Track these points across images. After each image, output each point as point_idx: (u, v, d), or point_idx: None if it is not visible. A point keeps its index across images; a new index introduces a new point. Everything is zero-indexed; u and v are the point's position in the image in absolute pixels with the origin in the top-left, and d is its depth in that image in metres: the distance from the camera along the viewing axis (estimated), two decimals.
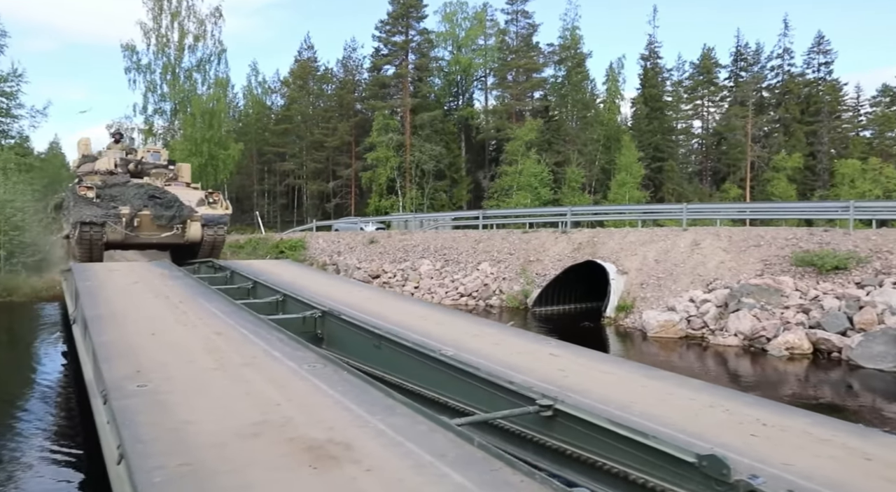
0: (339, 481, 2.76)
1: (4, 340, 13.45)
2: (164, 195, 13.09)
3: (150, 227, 12.71)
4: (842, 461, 3.08)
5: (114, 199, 12.59)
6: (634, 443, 3.34)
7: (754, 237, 13.84)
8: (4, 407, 7.76)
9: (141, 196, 12.79)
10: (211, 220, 13.25)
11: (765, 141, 41.47)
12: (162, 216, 12.72)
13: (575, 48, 40.24)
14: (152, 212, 12.63)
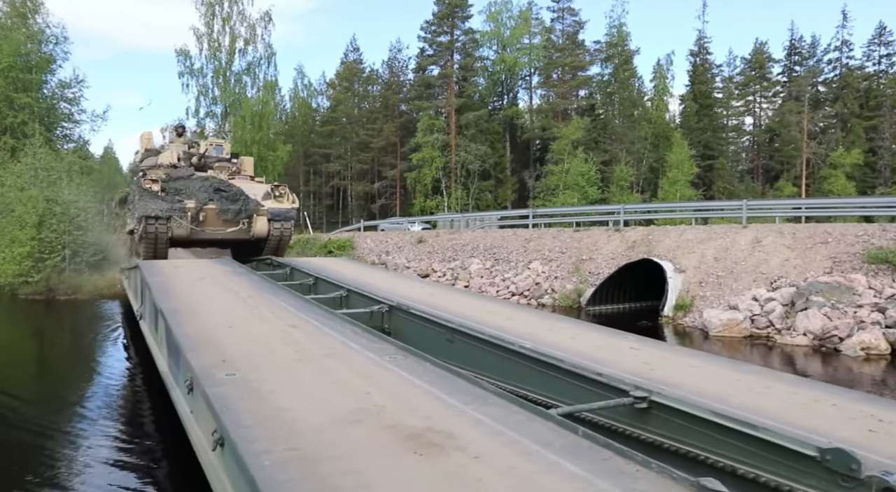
0: (448, 468, 2.72)
1: (69, 336, 13.99)
2: (230, 188, 12.23)
3: (215, 222, 11.94)
4: None
5: (178, 192, 11.84)
6: (743, 436, 3.20)
7: (821, 234, 13.30)
8: (74, 398, 8.05)
9: (206, 189, 12.03)
10: (278, 214, 12.32)
11: (821, 137, 39.94)
12: (228, 210, 11.86)
13: (622, 45, 39.58)
14: (218, 206, 11.79)
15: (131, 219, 12.29)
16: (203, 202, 11.77)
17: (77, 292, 18.79)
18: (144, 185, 11.74)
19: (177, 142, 14.73)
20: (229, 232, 12.05)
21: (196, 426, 4.56)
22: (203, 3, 32.96)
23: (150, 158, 14.13)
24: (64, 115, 28.94)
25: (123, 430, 6.86)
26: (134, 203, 11.97)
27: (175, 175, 12.63)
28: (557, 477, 2.63)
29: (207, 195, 11.90)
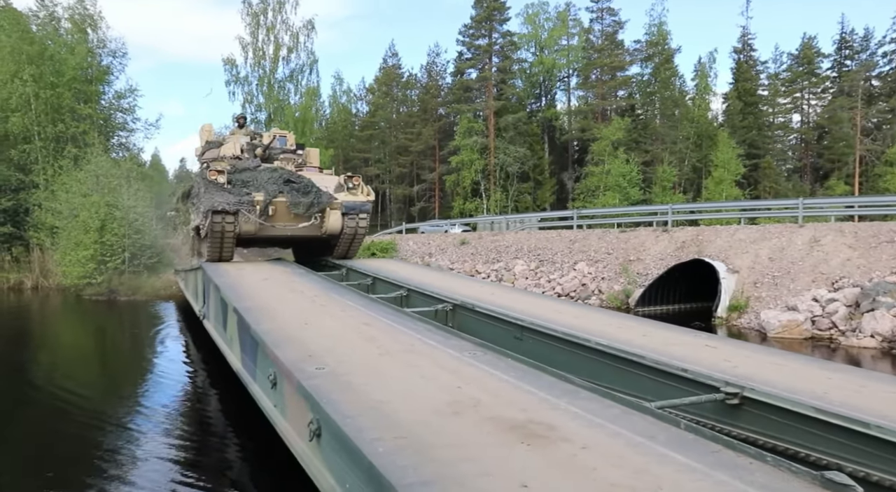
0: (559, 457, 2.77)
1: (132, 334, 14.50)
2: (300, 180, 11.17)
3: (285, 216, 10.91)
4: None
5: (245, 184, 10.88)
6: (849, 432, 3.17)
7: (886, 233, 12.88)
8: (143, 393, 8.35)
9: (275, 181, 10.98)
10: (352, 208, 11.24)
11: (875, 133, 38.61)
12: (299, 203, 10.85)
13: (662, 44, 39.01)
14: (288, 198, 10.78)
15: (195, 214, 11.22)
16: (272, 195, 10.73)
17: (136, 293, 19.46)
18: (210, 176, 10.73)
19: (238, 133, 13.76)
20: (300, 228, 11.02)
21: (283, 419, 4.72)
22: (248, 14, 33.76)
23: (211, 150, 13.19)
24: (119, 125, 30.01)
25: (186, 426, 7.09)
26: (199, 197, 10.89)
27: (240, 167, 11.54)
28: (671, 468, 2.65)
29: (277, 187, 10.84)
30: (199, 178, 11.46)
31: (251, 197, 10.57)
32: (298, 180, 11.16)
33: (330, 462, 3.55)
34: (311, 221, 11.02)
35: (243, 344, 6.67)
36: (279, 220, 10.91)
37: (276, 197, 10.78)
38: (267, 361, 5.30)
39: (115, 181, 21.51)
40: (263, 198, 10.65)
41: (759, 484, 2.46)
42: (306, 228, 11.08)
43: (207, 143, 13.61)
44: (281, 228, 10.97)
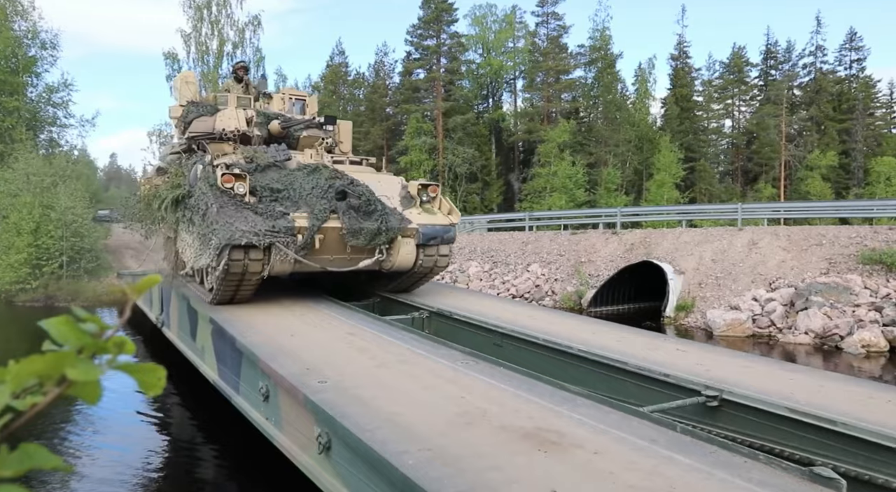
0: (577, 462, 3.02)
1: None
2: (356, 190, 7.31)
3: (336, 248, 7.10)
4: None
5: (276, 194, 7.05)
6: (819, 429, 3.56)
7: (815, 236, 13.89)
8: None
9: (322, 190, 7.14)
10: (432, 236, 7.53)
11: (798, 140, 41.12)
12: (360, 231, 7.04)
13: (605, 50, 40.27)
14: (344, 223, 6.97)
15: (200, 241, 7.14)
16: (322, 217, 6.88)
17: (76, 299, 18.67)
18: (223, 183, 6.75)
19: (236, 90, 9.48)
20: (361, 266, 7.27)
21: (278, 432, 4.80)
22: (191, 6, 32.75)
23: (201, 118, 8.56)
24: (51, 120, 28.57)
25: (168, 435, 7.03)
26: (207, 215, 6.87)
27: (262, 159, 7.51)
28: (678, 469, 2.94)
29: (327, 203, 7.01)
30: (202, 182, 7.12)
31: (290, 221, 6.69)
32: (356, 191, 7.24)
33: (344, 474, 3.69)
34: (373, 258, 7.16)
35: (221, 355, 6.64)
36: (325, 252, 6.96)
37: (325, 220, 6.88)
38: (256, 373, 5.34)
39: (49, 180, 20.52)
40: (309, 223, 6.76)
41: (756, 481, 2.78)
42: (367, 265, 7.26)
43: (191, 105, 8.88)
44: (326, 264, 7.03)
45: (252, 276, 6.79)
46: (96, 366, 0.53)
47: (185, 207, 7.65)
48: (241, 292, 7.13)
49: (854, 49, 44.20)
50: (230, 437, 6.81)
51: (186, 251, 7.88)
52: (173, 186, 8.10)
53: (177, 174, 8.42)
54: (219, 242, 6.42)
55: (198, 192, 7.09)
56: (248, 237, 6.38)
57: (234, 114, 8.56)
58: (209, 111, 8.72)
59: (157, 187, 8.92)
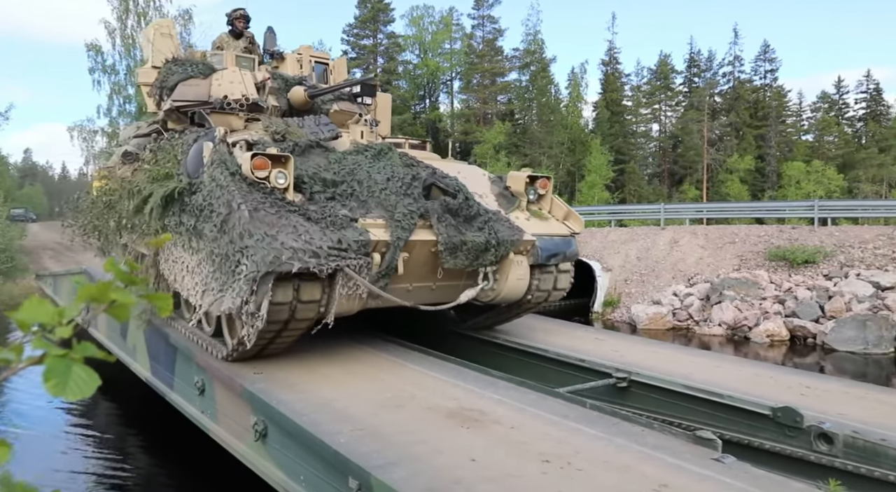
0: (496, 436, 3.33)
1: None
2: (450, 183, 5.17)
3: (424, 272, 4.93)
4: (881, 411, 3.82)
5: (332, 190, 4.72)
6: (710, 403, 4.02)
7: (729, 235, 14.91)
8: None
9: (405, 185, 4.95)
10: (553, 252, 5.39)
11: (719, 144, 43.49)
12: (461, 246, 4.84)
13: (539, 53, 41.38)
14: (442, 234, 4.76)
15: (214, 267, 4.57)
16: (408, 225, 4.63)
17: None
18: (254, 169, 4.36)
19: (233, 48, 7.16)
20: (463, 300, 5.04)
21: (214, 423, 4.91)
22: None
23: (188, 84, 6.10)
24: None
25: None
26: (228, 222, 4.34)
27: (297, 136, 5.28)
28: (584, 439, 3.30)
29: (413, 203, 4.81)
30: (217, 170, 4.56)
31: (362, 233, 4.38)
32: (451, 186, 5.11)
33: (279, 458, 3.87)
34: (476, 286, 5.04)
35: (154, 353, 6.64)
36: (409, 278, 4.78)
37: (413, 229, 4.64)
38: (191, 368, 5.42)
39: None
40: (391, 234, 4.51)
41: (650, 445, 3.17)
42: (465, 299, 5.05)
43: (174, 64, 6.33)
44: (412, 298, 4.84)
45: (300, 322, 4.35)
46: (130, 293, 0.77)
47: (181, 210, 4.88)
48: (274, 346, 4.68)
49: (768, 60, 47.14)
50: (164, 433, 6.81)
51: (184, 281, 5.10)
52: (159, 177, 5.33)
53: (163, 159, 5.55)
54: (255, 268, 3.90)
55: (208, 185, 4.48)
56: (304, 260, 3.92)
57: (238, 76, 6.00)
58: (201, 72, 6.13)
59: (126, 181, 6.11)
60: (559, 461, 2.98)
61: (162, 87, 6.37)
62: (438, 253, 4.71)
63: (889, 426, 3.52)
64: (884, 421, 3.59)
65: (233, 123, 5.64)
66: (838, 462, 3.40)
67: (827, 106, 48.84)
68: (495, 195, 5.53)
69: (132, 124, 7.88)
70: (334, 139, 5.40)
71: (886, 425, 3.54)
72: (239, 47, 7.29)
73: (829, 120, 47.82)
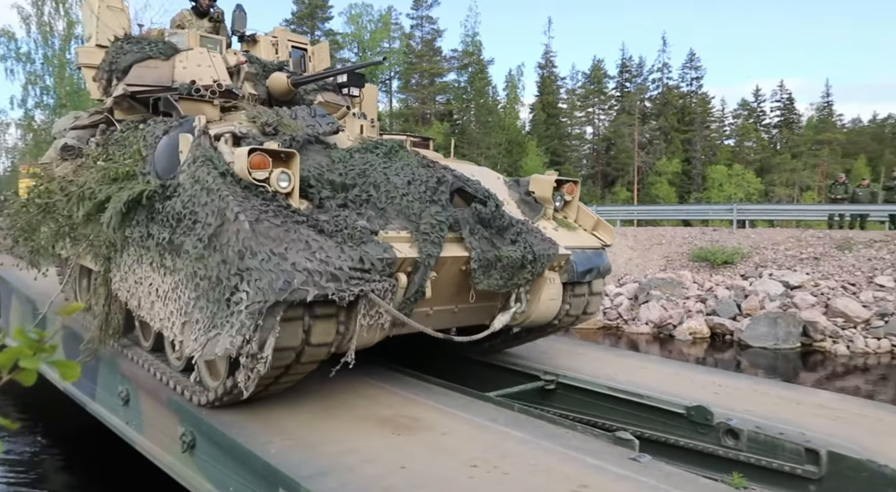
0: (427, 442, 3.42)
1: None
2: (478, 188, 4.41)
3: (452, 294, 4.20)
4: (782, 406, 4.15)
5: (343, 196, 3.83)
6: (631, 403, 4.24)
7: (656, 236, 15.58)
8: None
9: (430, 190, 4.15)
10: (588, 267, 4.72)
11: (649, 147, 45.24)
12: (495, 263, 4.04)
13: (477, 55, 41.85)
14: (476, 247, 3.94)
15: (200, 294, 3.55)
16: (437, 238, 3.82)
17: None
18: (251, 169, 3.46)
19: (196, 27, 6.27)
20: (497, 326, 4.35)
21: (139, 435, 4.79)
22: None
23: (144, 65, 5.18)
24: None
25: None
26: (220, 237, 3.38)
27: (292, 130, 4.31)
28: (511, 442, 3.43)
29: (441, 211, 4.01)
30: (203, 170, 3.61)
31: (386, 248, 3.57)
32: (479, 191, 4.39)
33: (208, 470, 3.82)
34: (509, 310, 4.36)
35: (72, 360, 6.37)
36: (433, 302, 4.05)
37: (442, 244, 3.86)
38: (115, 378, 5.25)
39: None
40: (419, 250, 3.73)
41: (574, 447, 3.33)
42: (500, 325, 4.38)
43: (125, 43, 5.38)
44: (427, 320, 4.11)
45: (306, 366, 3.61)
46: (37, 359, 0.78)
47: (149, 219, 4.00)
48: (276, 387, 3.85)
49: (693, 68, 49.37)
50: (83, 446, 6.54)
51: (154, 309, 4.11)
52: (117, 177, 4.41)
53: (121, 155, 4.63)
54: (262, 297, 3.08)
55: (189, 188, 3.63)
56: (322, 285, 3.15)
57: (206, 58, 5.21)
58: (162, 52, 5.21)
59: (68, 181, 5.16)
60: (486, 466, 3.09)
61: (111, 69, 5.34)
62: (471, 272, 3.93)
63: (787, 420, 3.83)
64: (783, 416, 3.90)
65: (206, 112, 4.81)
66: (743, 456, 3.67)
67: (746, 113, 51.67)
68: (516, 202, 4.81)
69: (69, 114, 6.79)
70: (334, 133, 4.62)
71: (785, 419, 3.85)
72: (203, 27, 6.38)
73: (748, 126, 50.63)
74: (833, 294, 11.77)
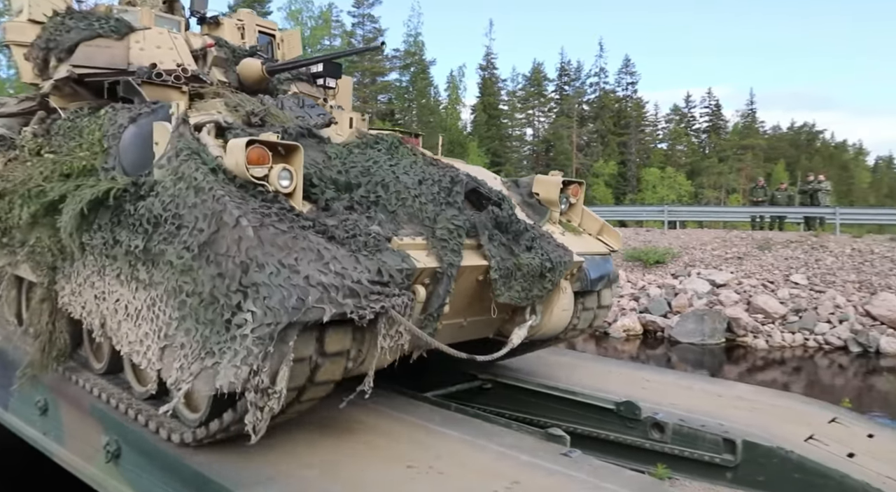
0: (367, 445, 3.43)
1: None
2: (491, 190, 3.95)
3: (470, 306, 3.78)
4: (705, 400, 4.38)
5: (349, 197, 3.35)
6: (564, 400, 4.37)
7: None
8: None
9: (445, 191, 3.69)
10: (600, 275, 4.38)
11: (587, 149, 46.48)
12: (515, 272, 3.63)
13: (419, 54, 41.90)
14: (496, 256, 3.53)
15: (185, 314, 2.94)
16: (456, 245, 3.37)
17: None
18: (250, 164, 2.95)
19: (150, 6, 5.57)
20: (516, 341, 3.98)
21: (59, 446, 4.58)
22: None
23: (93, 45, 4.58)
24: None
25: None
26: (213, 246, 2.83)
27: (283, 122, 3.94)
28: (447, 442, 3.48)
29: (458, 214, 3.54)
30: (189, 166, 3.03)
31: (405, 259, 3.10)
32: (493, 193, 3.93)
33: (134, 480, 3.70)
34: (526, 322, 3.99)
35: None
36: (447, 316, 3.50)
37: (461, 252, 3.41)
38: (34, 387, 4.98)
39: None
40: (438, 259, 3.28)
41: (507, 444, 3.41)
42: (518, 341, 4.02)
43: (67, 18, 4.75)
44: (438, 336, 3.45)
45: (311, 396, 3.11)
46: None
47: (113, 223, 3.41)
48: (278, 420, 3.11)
49: (629, 73, 50.98)
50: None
51: (120, 329, 3.54)
52: (71, 173, 3.81)
53: (73, 146, 4.06)
54: (273, 318, 2.58)
55: (171, 187, 3.09)
56: (340, 303, 2.70)
57: (167, 38, 4.76)
58: (114, 30, 4.64)
59: None
60: (422, 466, 3.13)
61: (49, 47, 4.67)
62: (492, 282, 3.51)
63: (708, 413, 4.04)
64: (705, 408, 4.12)
65: (175, 99, 4.27)
66: (668, 448, 3.85)
67: (678, 118, 53.86)
68: (518, 204, 4.32)
69: None
70: (326, 126, 4.24)
71: (707, 411, 4.06)
72: (157, 5, 5.73)
73: (679, 131, 52.78)
74: (754, 292, 12.43)
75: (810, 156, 50.61)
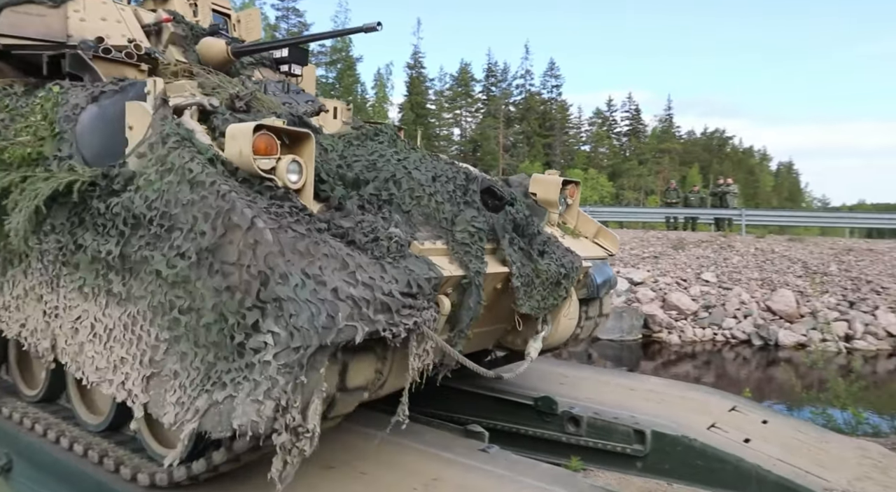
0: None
1: None
2: (506, 190, 3.74)
3: (492, 316, 3.38)
4: (619, 393, 4.58)
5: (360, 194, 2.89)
6: (484, 397, 4.46)
7: None
8: None
9: (462, 190, 3.34)
10: (605, 281, 4.18)
11: (513, 150, 47.41)
12: (535, 280, 3.30)
13: (346, 51, 41.43)
14: (516, 262, 3.19)
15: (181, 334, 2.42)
16: (477, 250, 2.99)
17: None
18: (257, 156, 2.46)
19: None
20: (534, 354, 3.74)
21: None
22: None
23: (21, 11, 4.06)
24: None
25: None
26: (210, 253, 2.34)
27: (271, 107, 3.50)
28: (368, 441, 3.48)
29: (477, 215, 3.17)
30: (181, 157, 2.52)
31: (431, 267, 2.70)
32: (507, 193, 3.68)
33: None
34: (540, 333, 3.66)
35: None
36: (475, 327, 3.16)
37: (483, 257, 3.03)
38: None
39: None
40: (463, 266, 2.91)
41: (428, 442, 3.46)
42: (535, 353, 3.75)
43: None
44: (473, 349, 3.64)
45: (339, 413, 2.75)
46: None
47: (74, 223, 2.89)
48: None
49: (554, 76, 52.43)
50: None
51: (83, 352, 2.94)
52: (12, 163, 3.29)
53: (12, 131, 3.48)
54: (301, 341, 2.09)
55: (157, 181, 2.56)
56: (372, 320, 2.27)
57: (112, 9, 4.32)
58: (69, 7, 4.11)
59: None
60: (344, 467, 3.12)
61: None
62: (514, 291, 3.17)
63: (622, 406, 4.24)
64: (619, 402, 4.31)
65: (127, 73, 3.81)
66: (583, 440, 4.00)
67: (600, 121, 55.84)
68: None
69: None
70: (316, 115, 3.82)
71: (620, 405, 4.25)
72: None
73: (601, 134, 54.73)
74: (669, 289, 13.09)
75: (721, 160, 53.72)
